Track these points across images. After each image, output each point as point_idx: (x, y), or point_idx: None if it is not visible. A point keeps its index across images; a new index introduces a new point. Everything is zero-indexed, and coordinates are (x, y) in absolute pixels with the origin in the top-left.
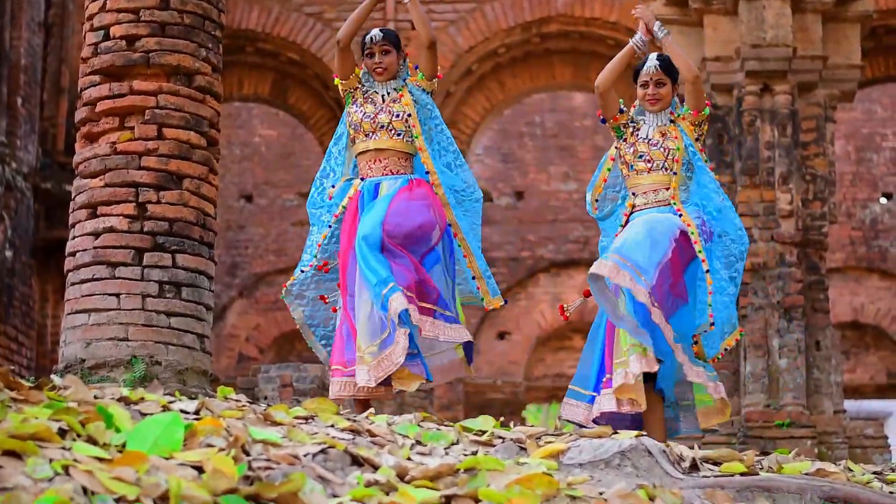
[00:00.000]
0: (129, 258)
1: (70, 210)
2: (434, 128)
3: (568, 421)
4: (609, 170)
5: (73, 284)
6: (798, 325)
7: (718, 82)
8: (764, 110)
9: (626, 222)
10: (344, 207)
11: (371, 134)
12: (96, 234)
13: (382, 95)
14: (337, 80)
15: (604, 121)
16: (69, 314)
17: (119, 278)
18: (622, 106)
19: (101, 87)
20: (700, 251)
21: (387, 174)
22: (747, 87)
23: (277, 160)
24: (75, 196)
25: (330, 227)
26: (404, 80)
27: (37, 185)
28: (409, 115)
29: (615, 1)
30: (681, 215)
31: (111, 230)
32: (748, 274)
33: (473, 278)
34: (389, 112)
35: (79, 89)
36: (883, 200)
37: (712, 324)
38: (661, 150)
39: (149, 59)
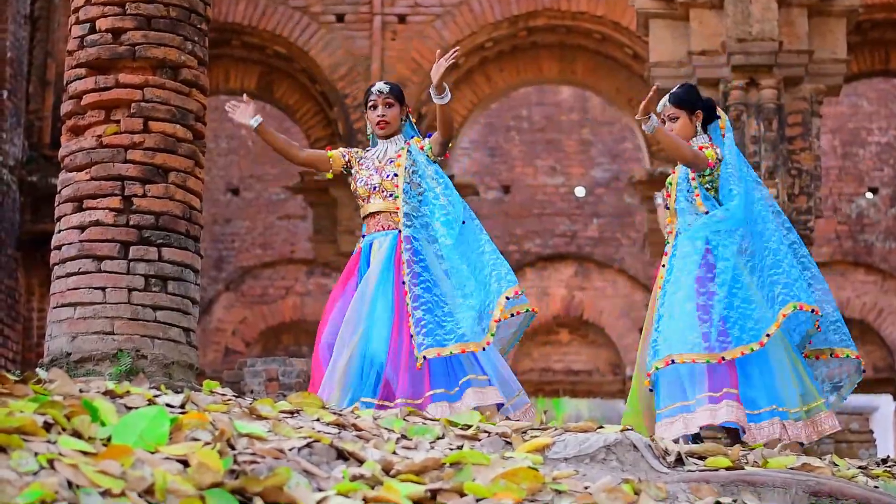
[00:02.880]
0: (115, 252)
1: (56, 203)
2: (427, 188)
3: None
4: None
5: (58, 278)
6: None
7: (704, 77)
8: (750, 104)
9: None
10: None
11: (367, 199)
12: (82, 228)
13: (381, 153)
14: (328, 175)
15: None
16: (55, 308)
17: (105, 272)
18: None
19: (86, 81)
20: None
21: (378, 230)
22: (733, 82)
23: (264, 154)
24: (61, 189)
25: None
26: (409, 137)
27: (22, 178)
28: (396, 176)
29: None
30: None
31: (97, 224)
32: None
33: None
34: (381, 174)
35: (64, 82)
36: (869, 195)
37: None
38: (667, 186)
39: (135, 52)
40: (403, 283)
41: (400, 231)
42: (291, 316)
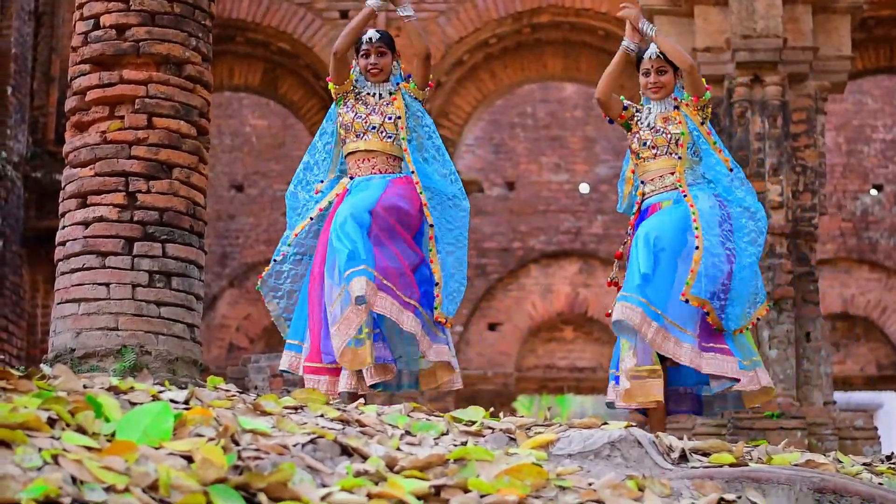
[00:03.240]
0: (119, 248)
1: (60, 199)
2: (424, 135)
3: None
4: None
5: (62, 274)
6: (788, 317)
7: (709, 73)
8: (754, 101)
9: (639, 210)
10: (330, 203)
11: (362, 135)
12: (86, 224)
13: (375, 96)
14: (331, 85)
15: (611, 121)
16: (59, 304)
17: (109, 268)
18: (625, 102)
19: (90, 77)
20: (697, 227)
21: (375, 173)
22: (738, 79)
23: (268, 150)
24: (65, 185)
25: (311, 218)
26: (398, 83)
27: (27, 174)
28: (399, 118)
29: None
30: (685, 196)
31: (101, 220)
32: None
33: (435, 284)
34: (382, 114)
35: (69, 78)
36: (873, 192)
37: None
38: (665, 135)
39: (139, 48)
40: (427, 224)
41: (401, 175)
42: None
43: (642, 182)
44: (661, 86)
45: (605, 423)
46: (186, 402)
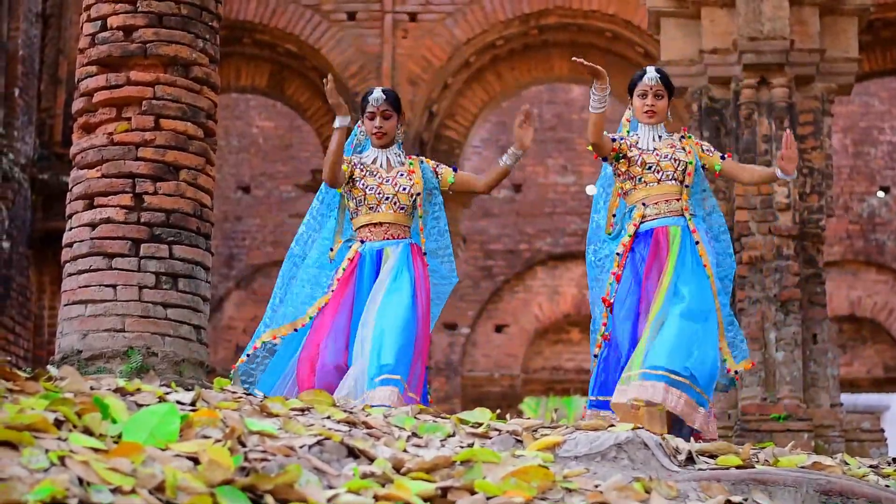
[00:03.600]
0: (126, 249)
1: (67, 201)
2: (431, 213)
3: None
4: (621, 188)
5: (69, 275)
6: (795, 319)
7: (716, 75)
8: (761, 103)
9: (635, 234)
10: (343, 269)
11: (375, 206)
12: (93, 225)
13: (381, 164)
14: (339, 189)
15: (605, 158)
16: (66, 305)
17: (116, 269)
18: (611, 136)
19: (98, 78)
20: (708, 270)
21: (387, 238)
22: (745, 80)
23: (275, 151)
24: (72, 187)
25: (333, 290)
26: (399, 149)
27: (34, 175)
28: (419, 195)
29: None
30: (698, 243)
31: (108, 221)
32: (745, 267)
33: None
34: (395, 185)
35: (76, 80)
36: (880, 194)
37: None
38: (672, 161)
39: (146, 49)
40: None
41: (415, 241)
42: None
43: (643, 205)
44: (657, 110)
45: (612, 426)
46: (193, 404)
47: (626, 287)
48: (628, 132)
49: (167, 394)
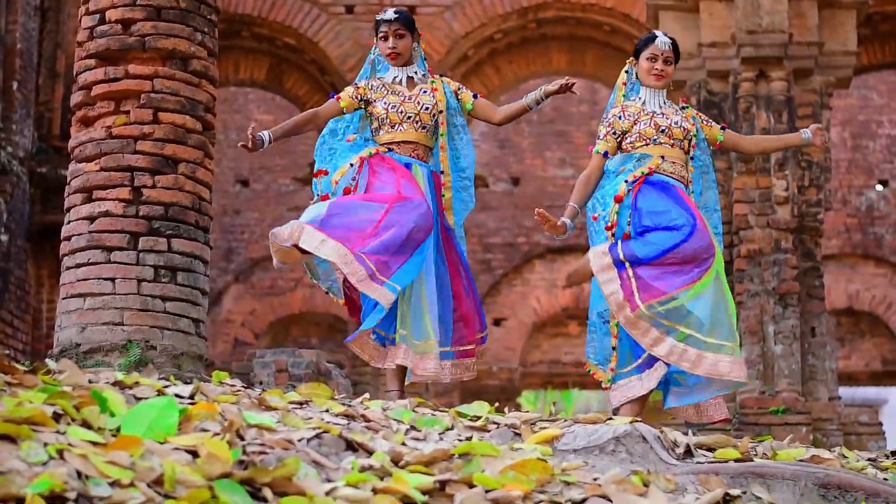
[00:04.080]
0: (125, 243)
1: (65, 194)
2: (456, 135)
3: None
4: (630, 146)
5: (68, 269)
6: (793, 312)
7: (714, 69)
8: (760, 97)
9: (643, 179)
10: (371, 153)
11: (397, 125)
12: (92, 219)
13: (402, 80)
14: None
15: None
16: (64, 298)
17: (114, 263)
18: (613, 129)
19: (96, 71)
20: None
21: (414, 157)
22: (743, 74)
23: (273, 145)
24: (71, 180)
25: (351, 164)
26: (424, 66)
27: (32, 169)
28: (441, 112)
29: None
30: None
31: (106, 214)
32: (744, 260)
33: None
34: (417, 103)
35: (74, 73)
36: (879, 187)
37: None
38: (681, 129)
39: (144, 43)
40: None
41: (436, 168)
42: (300, 307)
43: (661, 157)
44: (665, 75)
45: (610, 419)
46: (192, 397)
47: (649, 212)
48: (624, 95)
49: (166, 387)
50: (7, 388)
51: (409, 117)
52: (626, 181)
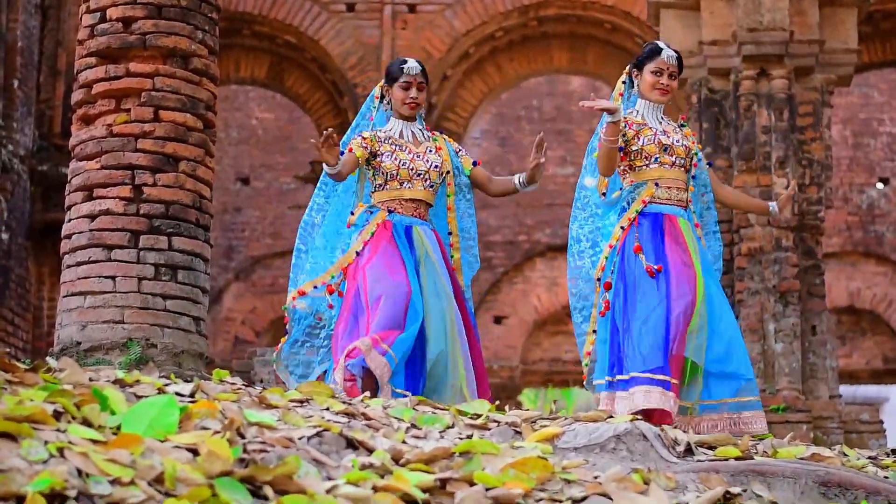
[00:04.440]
0: (125, 241)
1: (66, 192)
2: (459, 193)
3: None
4: (630, 165)
5: (68, 267)
6: (794, 310)
7: (715, 66)
8: (761, 95)
9: (640, 212)
10: (372, 233)
11: (405, 182)
12: (92, 217)
13: (408, 136)
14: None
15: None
16: (65, 297)
17: (115, 261)
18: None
19: (97, 70)
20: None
21: (416, 217)
22: (744, 72)
23: (274, 143)
24: (71, 178)
25: (359, 253)
26: (420, 124)
27: (33, 167)
28: (448, 172)
29: None
30: (696, 226)
31: (107, 213)
32: (744, 258)
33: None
34: (426, 160)
35: (75, 71)
36: (879, 185)
37: None
38: (684, 148)
39: (145, 41)
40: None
41: (433, 229)
42: None
43: (655, 184)
44: (670, 90)
45: (611, 417)
46: (192, 395)
47: (635, 268)
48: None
49: (166, 385)
50: (8, 386)
51: (418, 174)
52: (621, 227)
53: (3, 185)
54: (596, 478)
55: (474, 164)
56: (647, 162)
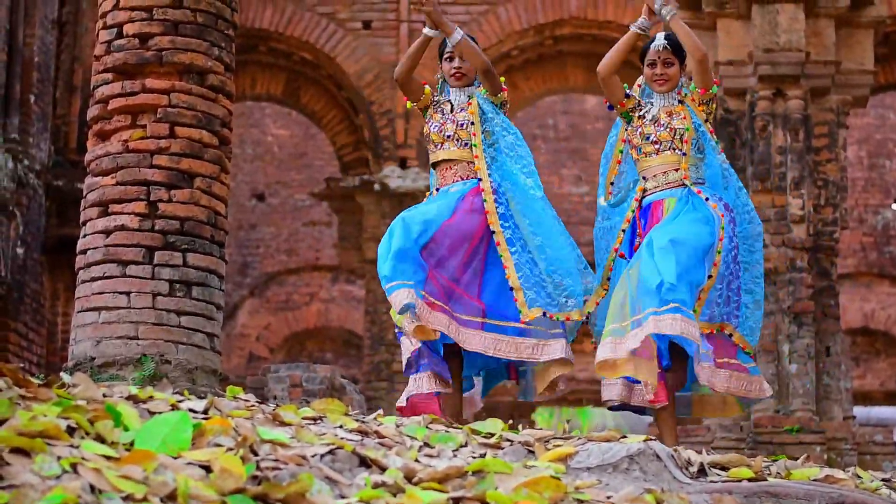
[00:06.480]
0: (140, 256)
1: (81, 208)
2: (500, 135)
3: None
4: (621, 151)
5: (83, 282)
6: (808, 331)
7: (731, 87)
8: (776, 115)
9: (640, 206)
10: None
11: (440, 145)
12: (107, 233)
13: (452, 104)
14: (409, 104)
15: (611, 107)
16: (79, 312)
17: (130, 277)
18: (627, 90)
19: (113, 85)
20: (719, 251)
21: (457, 180)
22: (760, 92)
23: (290, 160)
24: (87, 194)
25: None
26: (476, 86)
27: (49, 182)
28: (472, 123)
29: (628, 3)
30: (707, 199)
31: (122, 228)
32: None
33: (511, 289)
34: (454, 122)
35: (91, 87)
36: (895, 206)
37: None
38: (668, 130)
39: (161, 57)
40: (493, 232)
41: (479, 180)
42: (315, 322)
43: (643, 178)
44: (668, 78)
45: (624, 437)
46: (205, 412)
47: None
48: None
49: (180, 402)
50: (21, 402)
51: (448, 136)
52: (622, 230)
53: (18, 200)
54: (609, 498)
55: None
56: (637, 156)
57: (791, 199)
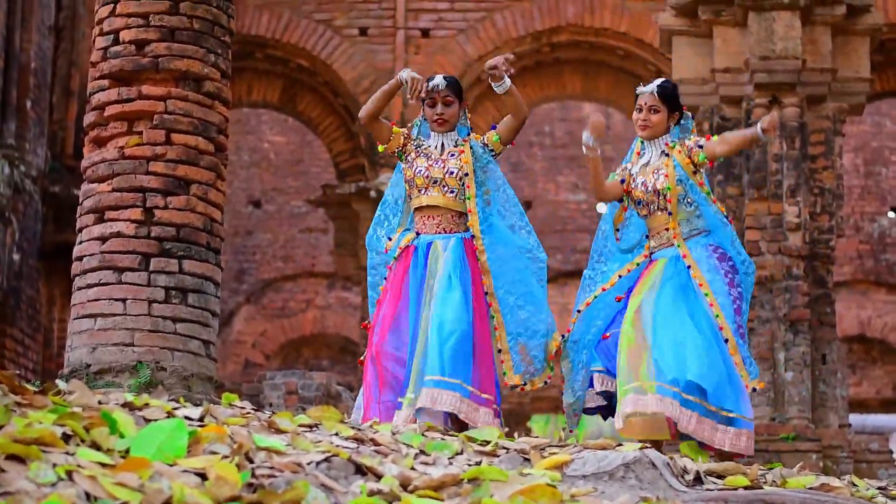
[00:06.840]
0: (136, 263)
1: (78, 214)
2: (494, 189)
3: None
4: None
5: (79, 289)
6: (804, 339)
7: (727, 94)
8: None
9: (650, 260)
10: (395, 259)
11: (424, 190)
12: (103, 239)
13: (437, 147)
14: (381, 147)
15: (620, 201)
16: (75, 318)
17: (125, 283)
18: (619, 178)
19: (109, 92)
20: (705, 289)
21: (439, 232)
22: (756, 100)
23: (286, 166)
24: (83, 200)
25: (385, 279)
26: (466, 134)
27: (45, 188)
28: (466, 175)
29: (625, 11)
30: (680, 250)
31: (118, 235)
32: (755, 287)
33: (499, 351)
34: (443, 168)
35: (88, 93)
36: (891, 214)
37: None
38: (652, 193)
39: (158, 63)
40: (486, 293)
41: (469, 235)
42: (311, 329)
43: (646, 237)
44: (650, 125)
45: (620, 445)
46: (201, 419)
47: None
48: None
49: (175, 409)
50: (17, 409)
51: (434, 182)
52: (619, 275)
53: (14, 206)
54: None
55: (493, 128)
56: (640, 214)
57: (787, 206)
